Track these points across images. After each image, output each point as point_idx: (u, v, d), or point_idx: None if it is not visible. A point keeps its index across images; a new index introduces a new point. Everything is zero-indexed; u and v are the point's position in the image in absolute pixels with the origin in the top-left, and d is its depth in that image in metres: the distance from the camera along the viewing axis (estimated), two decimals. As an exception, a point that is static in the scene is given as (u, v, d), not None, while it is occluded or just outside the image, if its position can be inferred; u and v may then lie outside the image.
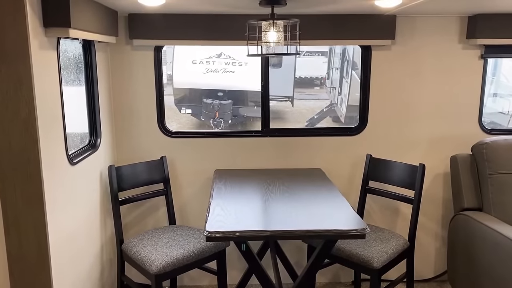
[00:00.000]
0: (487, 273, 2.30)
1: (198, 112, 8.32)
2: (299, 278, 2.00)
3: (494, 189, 2.51)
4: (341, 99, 8.75)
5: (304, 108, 10.35)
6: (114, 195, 2.50)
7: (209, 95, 8.14)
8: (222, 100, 8.14)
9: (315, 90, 11.42)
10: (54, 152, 1.86)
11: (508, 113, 6.99)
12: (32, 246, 1.77)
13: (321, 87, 11.38)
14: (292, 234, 1.81)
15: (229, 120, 8.15)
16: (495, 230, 2.25)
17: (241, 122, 8.36)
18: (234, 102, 8.24)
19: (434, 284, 2.97)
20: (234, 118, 8.29)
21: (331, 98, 9.78)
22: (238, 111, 8.34)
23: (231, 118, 8.21)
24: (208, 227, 1.83)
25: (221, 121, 8.11)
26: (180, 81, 8.06)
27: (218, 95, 8.16)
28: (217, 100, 8.12)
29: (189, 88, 8.27)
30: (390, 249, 2.38)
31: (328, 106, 9.40)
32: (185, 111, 8.45)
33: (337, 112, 8.87)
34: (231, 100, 8.18)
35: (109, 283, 2.61)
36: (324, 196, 2.27)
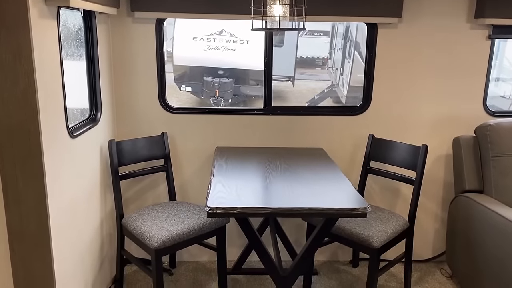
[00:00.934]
0: (486, 255, 2.30)
1: (198, 90, 8.25)
2: (299, 256, 2.01)
3: (496, 171, 2.50)
4: (342, 80, 8.69)
5: (305, 89, 10.28)
6: (114, 169, 2.49)
7: (209, 73, 8.06)
8: (222, 78, 8.08)
9: (316, 71, 11.33)
10: (54, 124, 1.83)
11: (509, 98, 6.95)
12: (32, 221, 1.76)
13: (323, 68, 11.29)
14: (293, 212, 1.81)
15: (229, 99, 8.09)
16: (496, 212, 2.25)
17: (241, 101, 8.31)
18: (234, 81, 8.18)
19: (432, 264, 2.99)
20: (234, 97, 8.24)
21: (332, 79, 9.71)
22: (239, 89, 8.28)
23: (231, 97, 8.15)
24: (209, 203, 1.82)
25: (221, 100, 8.06)
26: (180, 58, 7.97)
27: (218, 73, 8.09)
28: (217, 78, 8.05)
29: (189, 66, 8.19)
30: (390, 229, 2.38)
31: (329, 87, 9.34)
32: (185, 89, 8.38)
33: (338, 93, 8.82)
34: (232, 78, 8.11)
35: (108, 257, 2.62)
36: (326, 175, 2.26)
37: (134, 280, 2.74)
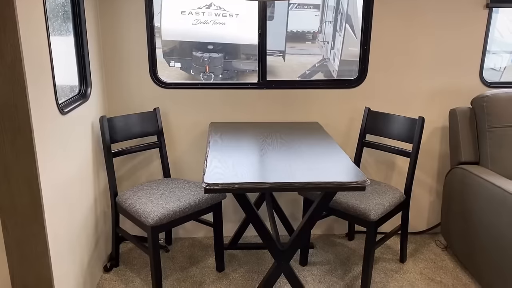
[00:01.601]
0: (481, 225, 2.32)
1: (188, 66, 8.12)
2: (297, 230, 1.99)
3: (492, 142, 2.50)
4: (333, 54, 8.60)
5: (295, 63, 10.18)
6: (107, 146, 2.43)
7: (199, 48, 7.92)
8: (212, 53, 7.94)
9: (306, 45, 11.20)
10: (43, 100, 1.76)
11: (499, 69, 6.94)
12: (24, 199, 1.72)
13: (313, 42, 11.17)
14: (291, 186, 1.78)
15: (219, 74, 7.98)
16: (492, 183, 2.25)
17: (232, 76, 8.20)
18: (225, 56, 8.05)
19: (427, 236, 3.01)
20: (225, 72, 8.12)
21: (323, 53, 9.61)
22: (229, 64, 8.16)
23: (222, 72, 8.04)
24: (206, 179, 1.78)
25: (212, 75, 7.95)
26: (169, 33, 7.81)
27: (208, 48, 7.95)
28: (207, 53, 7.91)
29: (178, 41, 8.04)
30: (387, 201, 2.38)
31: (320, 61, 9.25)
32: (174, 65, 8.24)
33: (330, 67, 8.75)
34: (221, 53, 7.98)
35: (104, 235, 2.59)
36: (323, 149, 2.23)
37: (130, 258, 2.73)
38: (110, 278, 2.51)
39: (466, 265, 2.52)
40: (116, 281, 2.49)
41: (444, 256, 2.76)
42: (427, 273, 2.58)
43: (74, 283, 2.08)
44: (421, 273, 2.58)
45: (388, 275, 2.56)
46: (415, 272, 2.59)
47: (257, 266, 2.64)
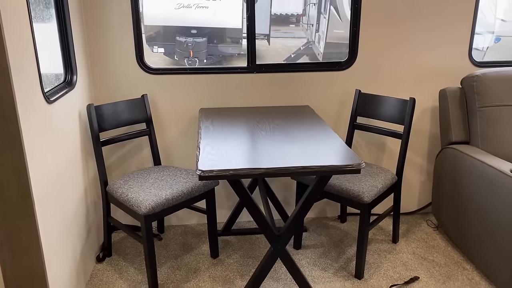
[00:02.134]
0: (472, 204, 2.34)
1: (172, 51, 7.99)
2: (293, 214, 1.99)
3: (482, 122, 2.51)
4: (318, 37, 8.55)
5: (280, 47, 10.11)
6: (95, 135, 2.38)
7: (182, 32, 7.79)
8: (196, 38, 7.82)
9: (291, 28, 11.12)
10: (29, 89, 1.70)
11: (482, 49, 6.99)
12: (13, 191, 1.67)
13: (297, 25, 11.08)
14: (287, 171, 1.76)
15: (204, 59, 7.88)
16: (483, 162, 2.27)
17: (217, 61, 8.11)
18: (209, 40, 7.94)
19: (418, 216, 3.04)
20: (209, 57, 8.02)
21: (308, 36, 9.54)
22: (213, 49, 8.05)
23: (206, 57, 7.94)
24: (200, 166, 1.76)
25: (196, 60, 7.84)
26: (151, 18, 7.66)
27: (192, 32, 7.82)
28: (191, 38, 7.79)
29: (160, 26, 7.89)
30: (380, 183, 2.39)
31: (305, 44, 9.19)
32: (157, 50, 8.10)
33: (315, 50, 8.70)
34: (205, 37, 7.87)
35: (95, 225, 2.55)
36: (316, 132, 2.21)
37: (123, 247, 2.70)
38: (104, 268, 2.48)
39: (458, 243, 2.55)
40: (109, 271, 2.46)
41: (436, 236, 2.79)
42: (419, 252, 2.61)
43: (67, 275, 2.05)
44: (413, 253, 2.61)
45: (381, 256, 2.58)
46: (407, 252, 2.62)
47: (252, 251, 2.64)
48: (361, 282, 2.35)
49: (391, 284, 2.33)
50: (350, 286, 2.33)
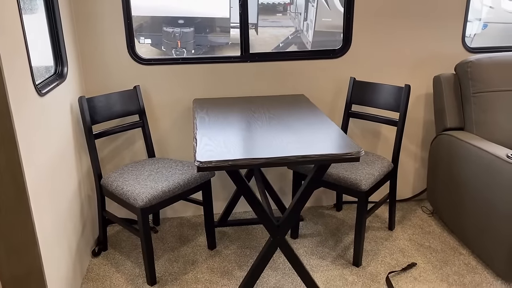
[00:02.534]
0: (468, 190, 2.35)
1: (159, 42, 7.88)
2: (292, 204, 1.97)
3: (477, 108, 2.52)
4: (307, 25, 8.50)
5: (268, 36, 10.04)
6: (88, 128, 2.33)
7: (169, 23, 7.69)
8: (183, 28, 7.73)
9: (278, 17, 11.04)
10: (20, 81, 1.65)
11: (470, 36, 7.02)
12: (8, 187, 1.62)
13: (284, 14, 11.01)
14: (286, 161, 1.75)
15: (192, 50, 7.80)
16: (479, 147, 2.28)
17: (205, 51, 8.03)
18: (196, 30, 7.85)
19: (413, 203, 3.06)
20: (197, 48, 7.94)
21: (295, 25, 9.49)
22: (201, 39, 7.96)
23: (194, 47, 7.86)
24: (198, 158, 1.73)
25: (184, 51, 7.76)
26: (137, 8, 7.55)
27: (179, 22, 7.73)
28: (178, 28, 7.69)
29: (147, 16, 7.78)
30: (376, 171, 2.38)
31: (294, 33, 9.14)
32: (144, 41, 7.99)
33: (303, 39, 8.66)
34: (193, 28, 7.78)
35: (89, 220, 2.51)
36: (313, 121, 2.20)
37: (118, 240, 2.67)
38: (100, 263, 2.45)
39: (453, 229, 2.57)
40: (106, 265, 2.43)
41: (431, 222, 2.81)
42: (416, 239, 2.63)
43: (64, 271, 2.02)
44: (410, 239, 2.63)
45: (378, 243, 2.59)
46: (404, 238, 2.64)
47: (249, 242, 2.63)
48: (359, 269, 2.36)
49: (389, 271, 2.34)
50: (348, 274, 2.33)
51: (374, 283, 2.25)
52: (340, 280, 2.28)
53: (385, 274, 2.32)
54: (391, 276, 2.30)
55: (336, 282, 2.27)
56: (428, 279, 2.27)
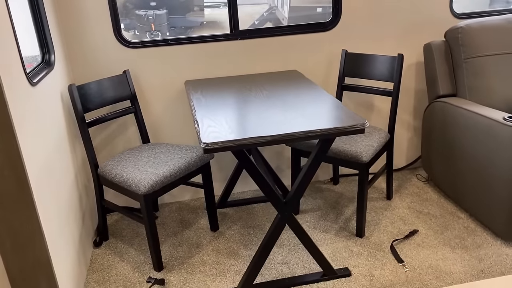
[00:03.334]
0: (465, 155, 2.39)
1: (132, 26, 7.68)
2: (298, 180, 1.97)
3: (469, 73, 2.54)
4: (281, 1, 8.40)
5: (241, 14, 9.89)
6: (80, 117, 2.26)
7: (141, 6, 7.48)
8: (156, 10, 7.53)
9: (251, -6, 10.87)
10: (12, 70, 1.58)
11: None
12: (9, 181, 1.56)
13: (257, -10, 10.83)
14: (293, 137, 1.73)
15: (166, 32, 7.63)
16: (475, 112, 2.30)
17: (180, 33, 7.87)
18: (169, 12, 7.66)
19: (407, 172, 3.10)
20: (172, 30, 7.76)
21: (269, 1, 9.36)
22: (175, 21, 7.79)
23: (168, 30, 7.69)
24: (204, 139, 1.70)
25: (159, 34, 7.59)
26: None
27: (151, 5, 7.53)
28: (151, 11, 7.50)
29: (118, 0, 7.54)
30: (375, 142, 2.40)
31: (268, 10, 9.02)
32: (116, 26, 7.75)
33: (279, 15, 8.56)
34: (165, 9, 7.59)
35: (88, 210, 2.46)
36: (311, 96, 2.18)
37: (118, 229, 2.63)
38: (103, 253, 2.42)
39: (450, 194, 2.62)
40: (109, 254, 2.40)
41: (427, 189, 2.86)
42: (414, 206, 2.67)
43: (70, 263, 1.98)
44: (408, 207, 2.67)
45: (378, 213, 2.63)
46: (403, 207, 2.68)
47: (251, 221, 2.63)
48: (363, 240, 2.39)
49: (393, 239, 2.38)
50: (353, 245, 2.36)
51: (379, 252, 2.29)
52: (346, 251, 2.31)
53: (389, 243, 2.35)
54: (395, 244, 2.34)
55: (342, 254, 2.29)
56: (431, 245, 2.32)
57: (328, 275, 2.11)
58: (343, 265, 2.21)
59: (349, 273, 2.13)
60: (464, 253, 2.24)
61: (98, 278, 2.22)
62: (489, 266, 2.13)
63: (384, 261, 2.22)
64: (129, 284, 2.17)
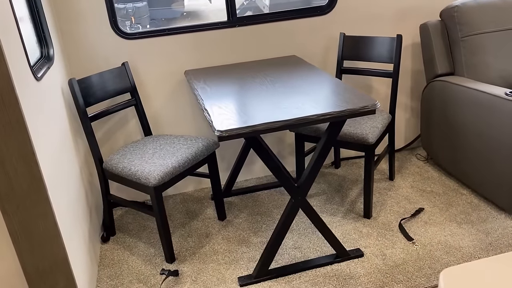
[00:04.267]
0: (467, 132, 2.43)
1: (112, 20, 7.53)
2: (310, 165, 1.97)
3: (466, 51, 2.57)
4: (262, -11, 8.33)
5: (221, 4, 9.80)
6: (82, 111, 2.22)
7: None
8: (135, 3, 7.41)
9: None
10: (18, 64, 1.53)
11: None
12: (23, 178, 1.53)
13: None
14: (308, 120, 1.73)
15: (147, 25, 7.52)
16: (476, 89, 2.34)
17: (160, 25, 7.76)
18: (149, 4, 7.54)
19: (406, 152, 3.14)
20: (152, 22, 7.65)
21: (249, -11, 9.28)
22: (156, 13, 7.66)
23: (149, 22, 7.57)
24: (218, 127, 1.69)
25: (139, 27, 7.47)
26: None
27: (130, -3, 7.39)
28: (130, 4, 7.37)
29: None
30: (379, 123, 2.42)
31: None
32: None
33: (259, 4, 8.51)
34: (145, 2, 7.47)
35: (94, 205, 2.43)
36: (317, 80, 2.18)
37: (124, 224, 2.60)
38: (112, 248, 2.39)
39: (451, 171, 2.67)
40: (118, 249, 2.37)
41: (428, 168, 2.91)
42: (417, 185, 2.71)
43: (85, 260, 1.95)
44: (412, 186, 2.71)
45: (383, 194, 2.66)
46: (406, 187, 2.71)
47: (257, 208, 2.63)
48: (371, 221, 2.42)
49: (400, 218, 2.42)
50: (361, 226, 2.39)
51: (388, 232, 2.32)
52: (355, 233, 2.34)
53: (396, 222, 2.39)
54: (403, 223, 2.37)
55: (352, 236, 2.32)
56: (437, 221, 2.36)
57: (341, 257, 2.14)
58: (354, 246, 2.23)
59: (362, 254, 2.16)
60: (470, 228, 2.29)
61: (110, 274, 2.20)
62: (497, 239, 2.19)
63: (394, 240, 2.25)
64: (143, 277, 2.15)
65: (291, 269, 2.10)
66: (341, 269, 2.09)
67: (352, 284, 2.00)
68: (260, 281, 2.05)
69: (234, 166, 2.71)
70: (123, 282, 2.13)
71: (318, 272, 2.08)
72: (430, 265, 2.06)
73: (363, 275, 2.04)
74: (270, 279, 2.06)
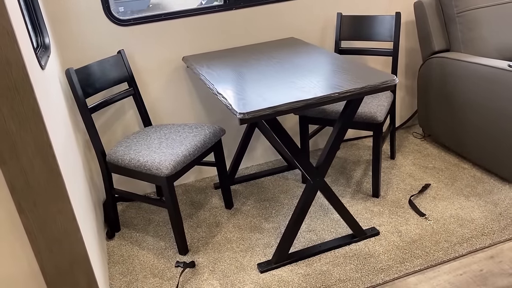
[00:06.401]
0: (468, 106, 2.46)
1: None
2: (328, 145, 1.95)
3: (462, 27, 2.60)
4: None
5: (189, -6, 9.61)
6: (82, 103, 2.10)
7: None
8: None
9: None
10: (27, 51, 1.42)
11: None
12: (40, 173, 1.43)
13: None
14: (330, 98, 1.70)
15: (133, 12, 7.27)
16: (478, 63, 2.37)
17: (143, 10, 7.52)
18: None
19: (402, 131, 3.17)
20: (120, 14, 7.41)
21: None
22: (122, 6, 7.43)
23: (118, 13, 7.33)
24: (239, 109, 1.63)
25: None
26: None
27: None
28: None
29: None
30: (385, 101, 2.41)
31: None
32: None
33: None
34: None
35: (97, 199, 2.32)
36: (325, 59, 2.15)
37: (128, 219, 2.51)
38: (119, 244, 2.30)
39: (450, 146, 2.71)
40: (126, 245, 2.29)
41: (426, 145, 2.94)
42: (419, 162, 2.74)
43: (99, 257, 1.87)
44: (414, 164, 2.73)
45: (387, 173, 2.67)
46: (408, 164, 2.74)
47: (263, 194, 2.59)
48: (380, 200, 2.43)
49: (409, 195, 2.43)
50: (372, 205, 2.39)
51: (399, 209, 2.33)
52: (367, 212, 2.34)
53: (405, 199, 2.40)
54: (412, 199, 2.39)
55: (364, 215, 2.32)
56: (445, 196, 2.39)
57: (358, 236, 2.13)
58: (368, 226, 2.23)
59: (378, 232, 2.16)
60: (478, 200, 2.33)
61: (122, 270, 2.11)
62: (506, 209, 2.23)
63: (407, 217, 2.26)
64: (157, 272, 2.08)
65: (310, 252, 2.07)
66: (360, 248, 2.09)
67: (372, 262, 2.00)
68: (280, 266, 2.02)
69: (237, 153, 2.65)
70: (138, 278, 2.05)
71: (337, 253, 2.07)
72: (446, 239, 2.09)
73: (382, 253, 2.05)
74: (290, 263, 2.03)
